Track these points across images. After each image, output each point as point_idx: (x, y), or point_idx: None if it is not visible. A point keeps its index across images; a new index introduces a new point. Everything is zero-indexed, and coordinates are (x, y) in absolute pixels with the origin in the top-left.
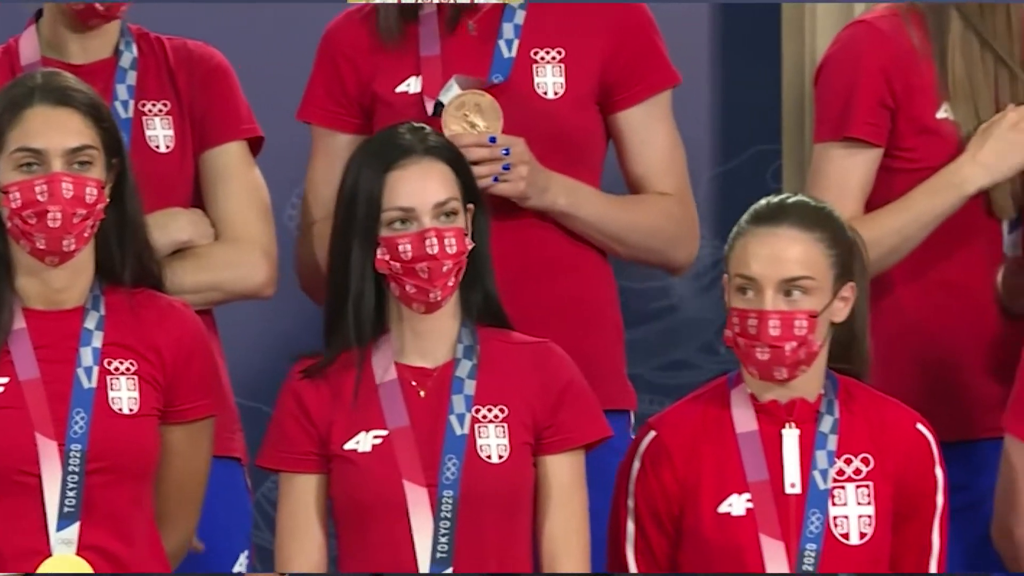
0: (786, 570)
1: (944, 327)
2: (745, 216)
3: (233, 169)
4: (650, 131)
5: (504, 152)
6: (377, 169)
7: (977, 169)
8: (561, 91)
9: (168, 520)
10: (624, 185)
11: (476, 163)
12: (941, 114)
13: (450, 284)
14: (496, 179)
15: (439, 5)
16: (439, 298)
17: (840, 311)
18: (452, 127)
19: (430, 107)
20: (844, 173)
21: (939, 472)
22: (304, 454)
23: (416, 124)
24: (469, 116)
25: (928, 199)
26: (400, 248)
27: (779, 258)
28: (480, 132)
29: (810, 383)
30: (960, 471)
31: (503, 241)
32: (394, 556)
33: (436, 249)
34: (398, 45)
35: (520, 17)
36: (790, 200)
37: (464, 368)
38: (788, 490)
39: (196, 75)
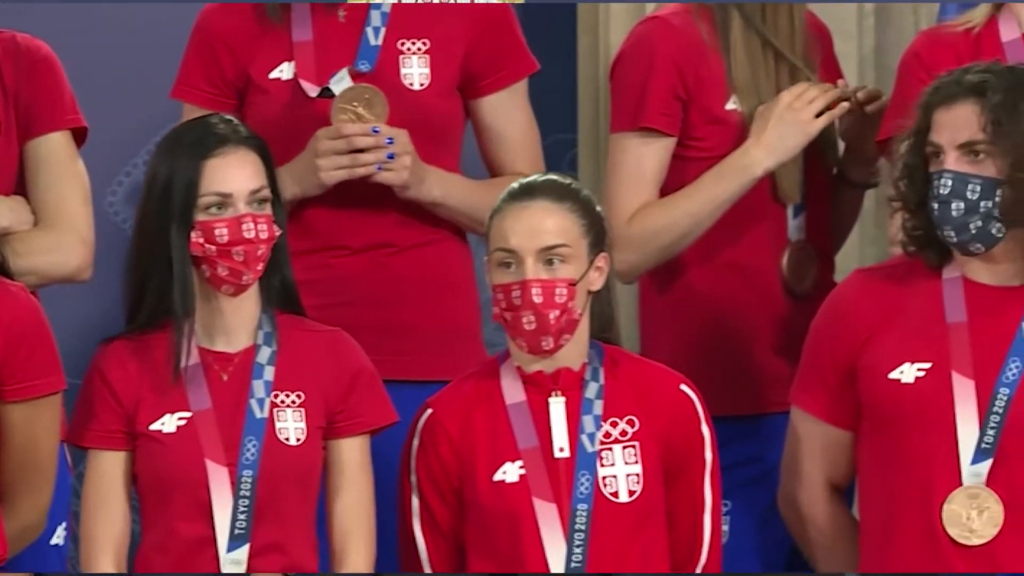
0: (560, 530)
1: (733, 307)
2: (499, 197)
3: (56, 158)
4: (509, 117)
5: (388, 142)
6: (194, 157)
7: (761, 152)
8: (427, 82)
9: (12, 500)
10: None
11: (362, 151)
12: (730, 105)
13: (259, 268)
14: (380, 168)
15: None
16: (250, 281)
17: (596, 280)
18: (340, 116)
19: (310, 90)
20: (639, 161)
21: (705, 430)
22: (110, 432)
23: (227, 116)
24: (358, 108)
25: (717, 183)
26: (216, 232)
27: (535, 229)
28: (366, 122)
29: (574, 352)
30: (751, 444)
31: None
32: (195, 531)
33: (252, 233)
34: (272, 31)
35: (387, 6)
36: (540, 178)
37: (264, 354)
38: (557, 455)
39: (22, 66)
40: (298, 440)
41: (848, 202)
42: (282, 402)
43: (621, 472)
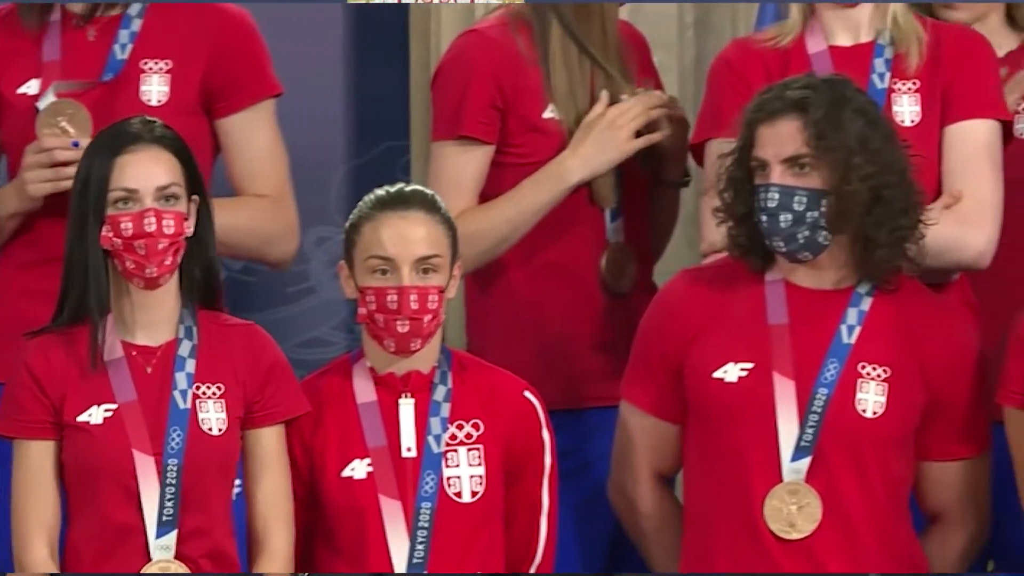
0: (404, 527)
1: (554, 307)
2: (367, 204)
3: None
4: (250, 137)
5: None
6: (107, 154)
7: (576, 163)
8: (164, 99)
9: None
10: None
11: (65, 165)
12: (547, 114)
13: (167, 263)
14: None
15: (63, 10)
16: (154, 274)
17: (453, 287)
18: (44, 131)
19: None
20: (459, 168)
21: (546, 435)
22: (38, 423)
23: (147, 117)
24: (62, 122)
25: (535, 191)
26: (122, 226)
27: (412, 239)
28: (69, 137)
29: (426, 356)
30: (569, 437)
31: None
32: (123, 519)
33: (153, 228)
34: (26, 48)
35: (136, 25)
36: (408, 188)
37: (185, 348)
38: (405, 454)
39: None
40: (220, 430)
41: (665, 203)
42: (203, 393)
43: (465, 473)
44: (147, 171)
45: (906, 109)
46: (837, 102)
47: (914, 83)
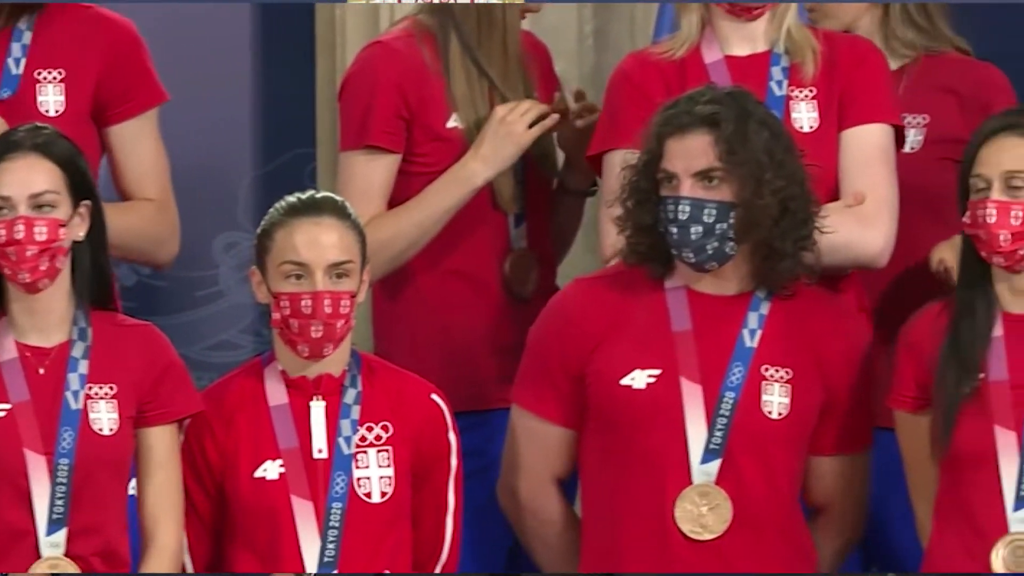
0: (315, 527)
1: (459, 311)
2: (280, 211)
3: None
4: (138, 144)
5: None
6: None
7: (479, 164)
8: (62, 109)
9: None
10: None
11: None
12: (450, 123)
13: (41, 268)
14: None
15: None
16: (27, 280)
17: (363, 292)
18: None
19: None
20: (367, 177)
21: (452, 437)
22: None
23: (39, 124)
24: None
25: (440, 195)
26: None
27: (326, 245)
28: None
29: (336, 359)
30: (472, 438)
31: None
32: (14, 517)
33: (22, 235)
34: None
35: (26, 38)
36: (320, 195)
37: (78, 349)
38: (316, 455)
39: None
40: (111, 430)
41: (569, 210)
42: (95, 394)
43: (374, 474)
44: (21, 179)
45: (804, 116)
46: (744, 116)
47: (811, 90)
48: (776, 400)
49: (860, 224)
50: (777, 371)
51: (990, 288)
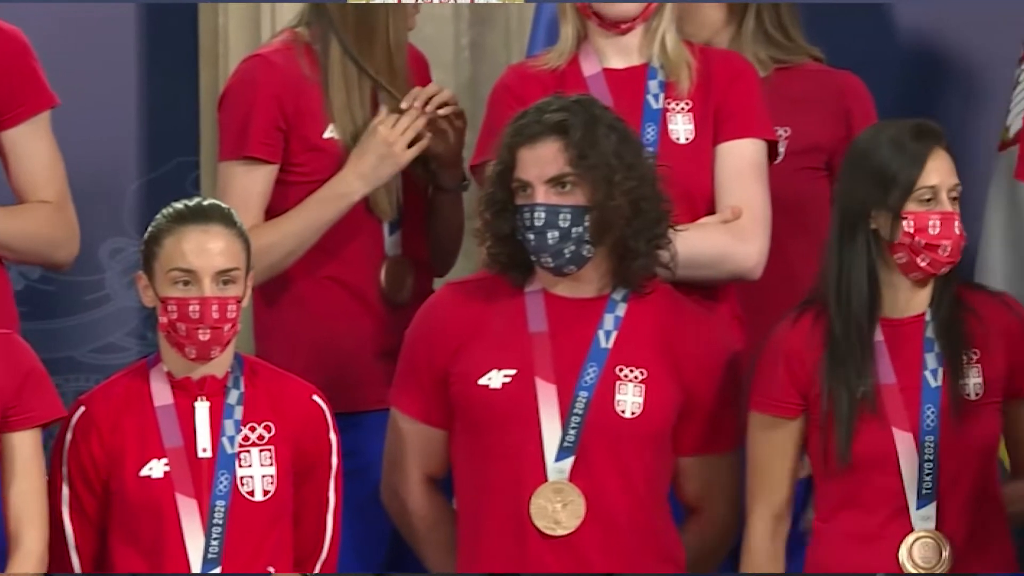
0: (199, 524)
1: (336, 317)
2: (168, 218)
3: None
4: (32, 148)
5: None
6: None
7: (357, 181)
8: None
9: None
10: None
11: None
12: (327, 134)
13: None
14: None
15: None
16: None
17: (247, 297)
18: None
19: None
20: (246, 187)
21: (332, 437)
22: None
23: None
24: None
25: (320, 208)
26: None
27: (214, 252)
28: None
29: (221, 362)
30: (350, 439)
31: None
32: None
33: None
34: None
35: None
36: (207, 203)
37: None
38: (200, 454)
39: None
40: None
41: (447, 211)
42: None
43: (257, 473)
44: None
45: (680, 128)
46: (592, 122)
47: (687, 103)
48: (630, 399)
49: (735, 239)
50: (632, 371)
51: (875, 294)
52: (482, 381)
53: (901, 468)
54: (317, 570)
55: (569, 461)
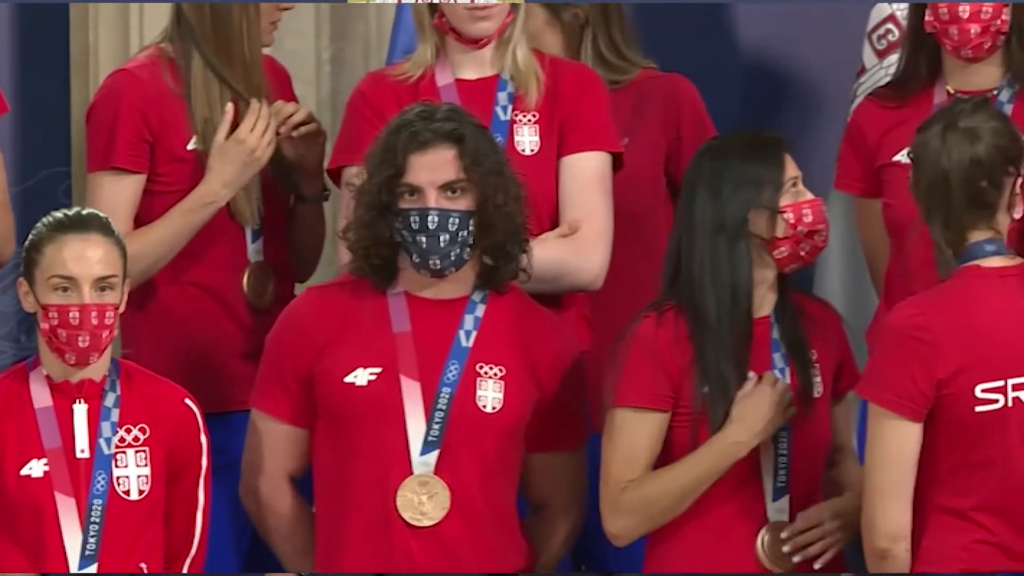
0: (77, 522)
1: (201, 321)
2: (48, 226)
3: None
4: None
5: None
6: None
7: (219, 185)
8: None
9: None
10: None
11: None
12: (191, 145)
13: None
14: None
15: None
16: None
17: (123, 304)
18: None
19: None
20: (114, 196)
21: (203, 438)
22: None
23: None
24: None
25: (186, 215)
26: None
27: (93, 260)
28: None
29: (98, 366)
30: (219, 437)
31: None
32: None
33: None
34: None
35: None
36: (86, 212)
37: None
38: (79, 455)
39: None
40: None
41: (308, 220)
42: None
43: (133, 473)
44: None
45: (527, 139)
46: (480, 132)
47: (534, 115)
48: (490, 395)
49: (574, 253)
50: (491, 368)
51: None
52: (348, 379)
53: (761, 462)
54: (186, 568)
55: (434, 455)
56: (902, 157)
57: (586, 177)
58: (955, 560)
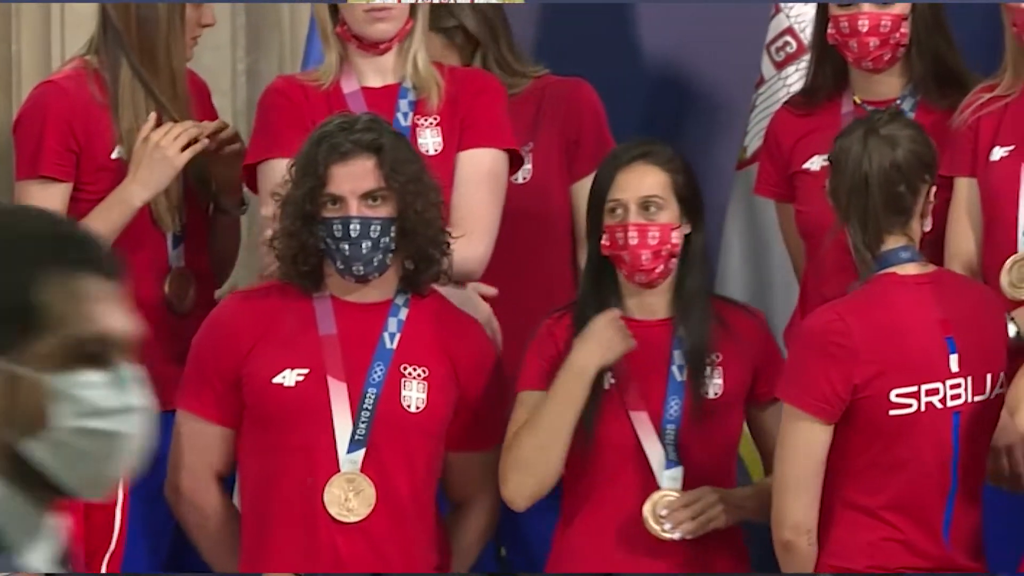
0: None
1: None
2: None
3: None
4: None
5: None
6: None
7: (137, 186)
8: None
9: None
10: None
11: None
12: (115, 154)
13: None
14: None
15: None
16: None
17: None
18: None
19: None
20: (41, 204)
21: None
22: None
23: None
24: None
25: (104, 217)
26: None
27: None
28: None
29: None
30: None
31: None
32: None
33: None
34: None
35: None
36: None
37: None
38: None
39: None
40: None
41: (226, 229)
42: None
43: None
44: None
45: (429, 141)
46: (399, 142)
47: (435, 118)
48: (414, 395)
49: (459, 243)
50: (415, 369)
51: (605, 300)
52: (276, 380)
53: (644, 449)
54: (104, 564)
55: (360, 453)
56: (812, 164)
57: (477, 172)
58: (862, 555)
